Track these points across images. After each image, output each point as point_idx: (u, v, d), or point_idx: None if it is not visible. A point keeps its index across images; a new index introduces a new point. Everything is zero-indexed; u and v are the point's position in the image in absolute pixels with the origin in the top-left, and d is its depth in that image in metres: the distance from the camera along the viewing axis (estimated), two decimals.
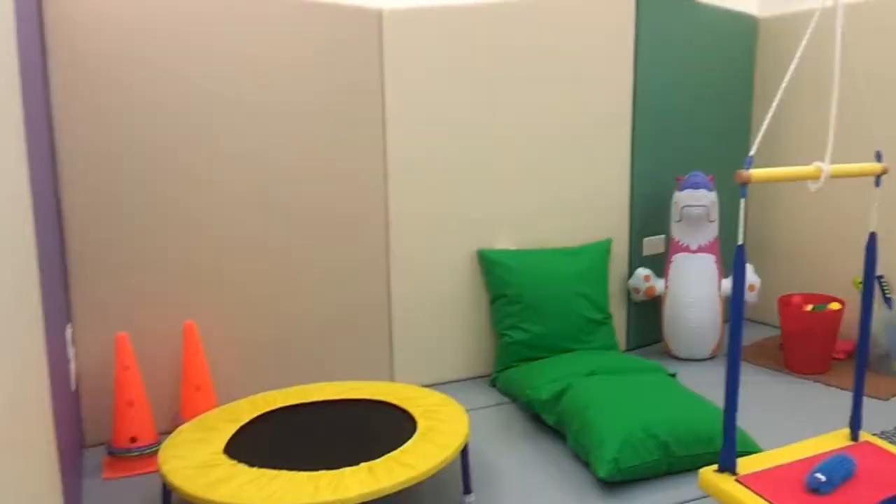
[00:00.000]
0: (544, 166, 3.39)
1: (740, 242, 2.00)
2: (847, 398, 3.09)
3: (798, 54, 1.99)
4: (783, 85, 2.00)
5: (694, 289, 3.49)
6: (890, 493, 1.93)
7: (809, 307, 3.49)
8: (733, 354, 2.09)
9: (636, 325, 3.70)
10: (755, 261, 4.00)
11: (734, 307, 2.04)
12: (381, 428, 2.40)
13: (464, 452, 2.39)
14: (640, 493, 2.44)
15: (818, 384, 3.27)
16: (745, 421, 2.72)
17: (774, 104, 1.99)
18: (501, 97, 3.27)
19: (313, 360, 3.13)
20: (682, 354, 3.55)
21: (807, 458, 2.16)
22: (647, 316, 3.69)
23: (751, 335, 3.90)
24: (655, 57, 3.53)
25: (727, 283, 3.57)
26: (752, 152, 1.98)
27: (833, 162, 2.20)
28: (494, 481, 2.52)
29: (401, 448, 2.24)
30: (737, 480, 2.08)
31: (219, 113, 2.82)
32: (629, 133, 3.52)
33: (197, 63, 2.76)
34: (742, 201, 1.99)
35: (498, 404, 3.15)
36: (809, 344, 3.38)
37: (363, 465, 2.14)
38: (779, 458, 2.20)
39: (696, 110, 3.70)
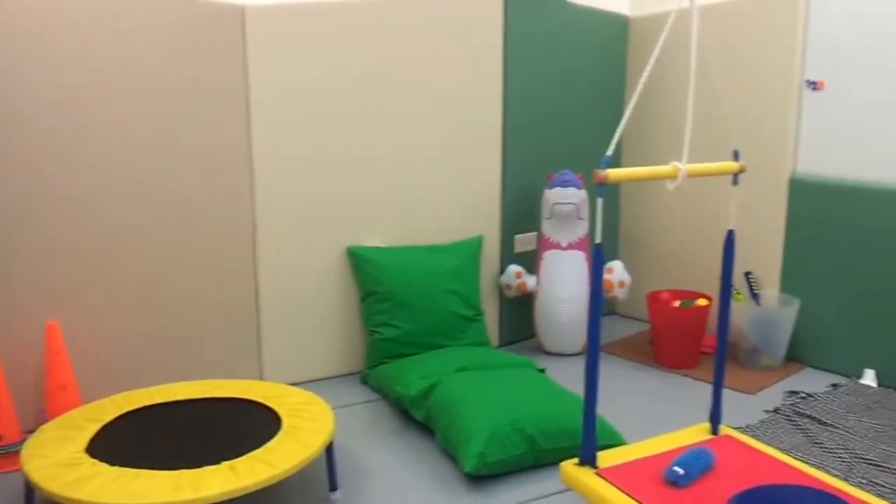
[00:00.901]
0: (415, 164, 3.36)
1: (598, 241, 2.03)
2: (733, 397, 3.19)
3: (654, 55, 2.02)
4: (639, 87, 2.03)
5: (565, 285, 3.53)
6: (746, 486, 1.99)
7: (678, 303, 3.59)
8: (592, 349, 2.12)
9: (508, 321, 3.73)
10: (627, 257, 4.09)
11: (591, 303, 2.06)
12: (245, 426, 2.36)
13: (329, 450, 2.37)
14: (506, 487, 2.47)
15: (686, 378, 3.37)
16: (613, 414, 2.76)
17: (630, 105, 2.02)
18: (370, 94, 3.23)
19: (180, 359, 3.03)
20: (553, 350, 3.59)
21: (667, 452, 2.20)
22: (520, 312, 3.72)
23: (622, 330, 3.98)
24: (526, 55, 3.56)
25: None
26: (609, 152, 2.00)
27: (695, 161, 2.26)
28: (362, 478, 2.51)
29: (264, 447, 2.22)
30: (596, 473, 2.10)
31: (73, 105, 2.68)
32: (500, 131, 3.54)
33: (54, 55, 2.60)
34: (599, 200, 2.01)
35: (368, 401, 3.11)
36: (678, 339, 3.48)
37: (225, 463, 2.11)
38: (640, 452, 2.24)
39: (569, 109, 3.75)
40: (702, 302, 3.51)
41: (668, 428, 2.41)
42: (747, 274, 3.55)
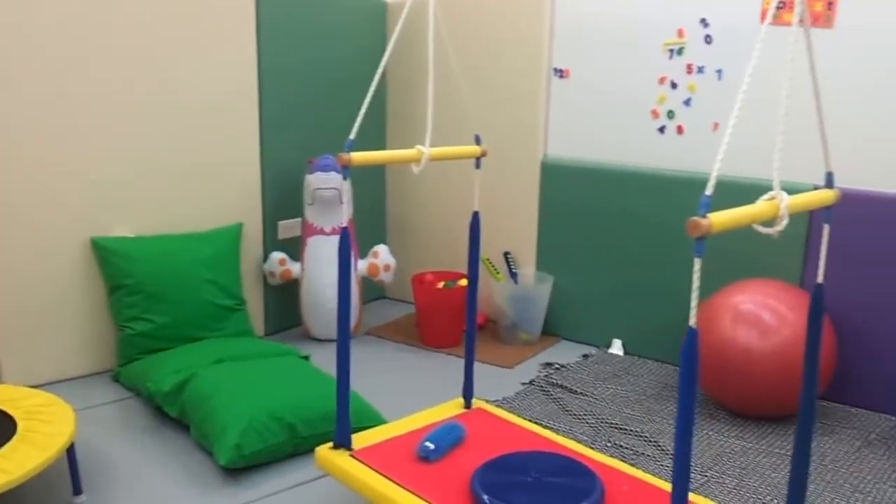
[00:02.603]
0: (165, 149, 3.20)
1: (344, 224, 2.03)
2: (476, 368, 3.28)
3: (392, 40, 2.05)
4: (379, 71, 2.05)
5: (330, 271, 3.48)
6: (493, 456, 2.07)
7: (441, 284, 3.68)
8: (342, 334, 2.12)
9: (274, 309, 3.66)
10: (393, 241, 4.14)
11: (340, 286, 2.06)
12: None
13: (71, 452, 2.24)
14: (264, 478, 2.43)
15: (451, 357, 3.46)
16: (378, 396, 2.79)
17: (371, 90, 2.04)
18: (113, 74, 3.03)
19: None
20: (321, 336, 3.56)
21: (421, 429, 2.25)
22: (286, 300, 3.66)
23: (390, 313, 4.03)
24: (281, 37, 3.49)
25: (363, 265, 3.64)
26: (352, 136, 2.01)
27: (452, 145, 2.32)
28: (111, 480, 2.39)
29: None
30: (351, 455, 2.11)
31: None
32: (257, 114, 3.45)
33: None
34: (345, 183, 2.02)
35: (120, 400, 2.95)
36: (442, 319, 3.56)
37: None
38: (394, 431, 2.28)
39: (329, 92, 3.72)
40: (464, 282, 3.62)
41: (432, 405, 2.47)
42: (506, 254, 3.70)
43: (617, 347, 3.55)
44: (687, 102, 3.24)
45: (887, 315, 2.91)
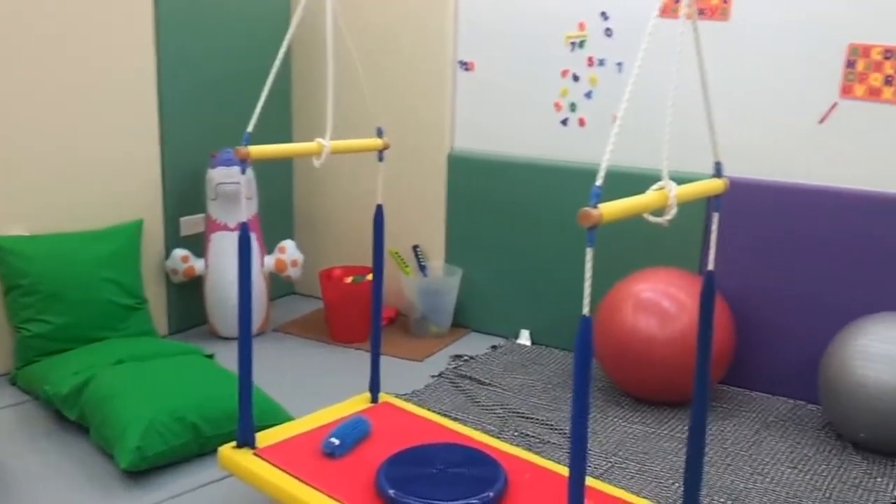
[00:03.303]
0: (59, 142, 3.08)
1: (244, 220, 2.00)
2: (386, 362, 3.26)
3: (290, 30, 2.01)
4: (277, 62, 2.03)
5: (235, 267, 3.42)
6: (400, 449, 2.06)
7: (350, 279, 3.66)
8: (243, 330, 2.09)
9: (178, 307, 3.57)
10: (302, 235, 4.09)
11: (241, 282, 2.03)
12: None
13: None
14: (168, 479, 2.38)
15: (360, 352, 3.43)
16: (285, 393, 2.76)
17: (269, 82, 2.02)
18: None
19: None
20: (228, 334, 3.49)
21: (326, 425, 2.23)
22: (190, 297, 3.58)
23: (299, 309, 3.98)
24: (181, 24, 3.40)
25: (269, 260, 3.59)
26: (249, 129, 1.97)
27: (351, 138, 2.30)
28: (8, 488, 2.30)
29: None
30: (255, 454, 2.08)
31: None
32: (156, 105, 3.36)
33: None
34: (243, 178, 1.98)
35: (17, 404, 2.84)
36: (350, 314, 3.54)
37: None
38: (300, 428, 2.25)
39: (233, 83, 3.63)
40: (371, 277, 3.60)
41: (340, 401, 2.45)
42: (415, 247, 3.70)
43: (525, 337, 3.59)
44: (588, 95, 3.30)
45: (784, 301, 3.02)
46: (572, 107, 3.35)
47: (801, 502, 2.37)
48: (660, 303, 2.84)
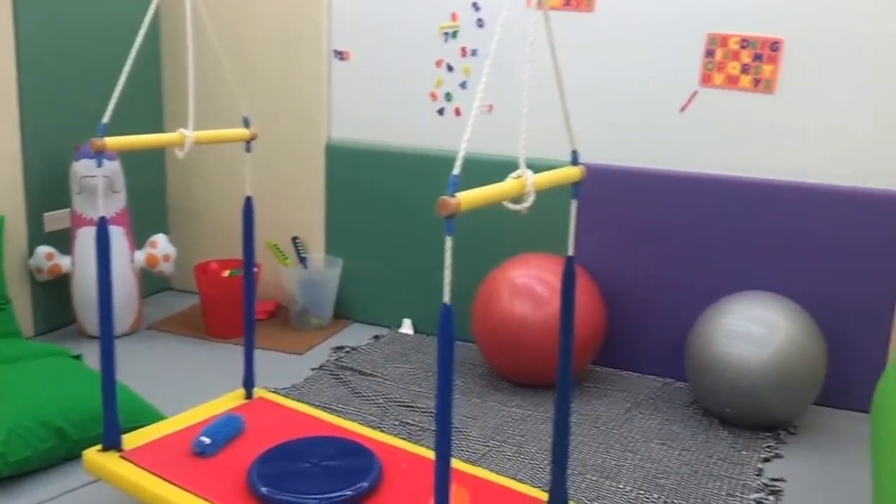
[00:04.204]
0: None
1: (102, 214, 1.93)
2: (266, 357, 3.23)
3: (148, 16, 1.94)
4: (134, 50, 1.96)
5: None
6: (273, 443, 2.04)
7: (226, 272, 3.58)
8: (105, 329, 2.02)
9: (44, 307, 3.40)
10: (176, 229, 3.97)
11: (100, 280, 1.96)
12: None
13: None
14: (32, 486, 2.29)
15: (238, 347, 3.32)
16: (160, 393, 2.69)
17: (126, 70, 1.94)
18: None
19: None
20: (97, 333, 3.30)
21: (198, 423, 2.18)
22: (57, 296, 3.42)
23: (175, 305, 3.86)
24: (42, 7, 3.23)
25: (140, 255, 3.47)
26: (105, 119, 1.90)
27: (224, 128, 2.25)
28: None
29: None
30: (121, 457, 2.02)
31: None
32: (16, 94, 3.17)
33: None
34: (100, 171, 1.91)
35: None
36: (228, 309, 3.45)
37: None
38: (170, 427, 2.19)
39: (100, 70, 3.45)
40: None
41: (216, 398, 2.39)
42: (294, 239, 3.65)
43: (407, 327, 3.60)
44: (463, 85, 3.32)
45: (653, 283, 3.13)
46: (448, 97, 3.37)
47: (669, 477, 2.46)
48: (533, 288, 2.90)
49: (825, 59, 2.83)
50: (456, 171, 1.30)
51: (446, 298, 1.34)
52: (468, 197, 1.32)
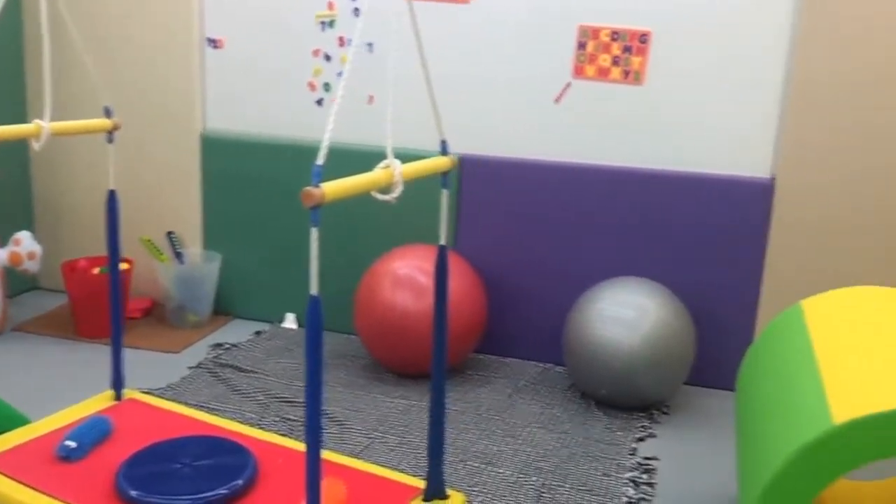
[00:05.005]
0: None
1: None
2: (140, 356, 3.12)
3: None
4: None
5: None
6: (143, 445, 1.96)
7: (97, 270, 3.44)
8: None
9: None
10: (42, 226, 3.78)
11: None
12: None
13: None
14: None
15: (109, 347, 3.23)
16: (26, 397, 2.56)
17: None
18: None
19: None
20: None
21: (63, 427, 2.08)
22: None
23: (43, 305, 3.68)
24: None
25: (3, 254, 3.29)
26: None
27: (91, 118, 2.14)
28: None
29: None
30: None
31: None
32: None
33: None
34: None
35: None
36: (98, 307, 3.30)
37: None
38: (34, 432, 2.08)
39: None
40: (123, 266, 3.40)
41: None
42: (169, 233, 3.53)
43: (290, 321, 3.54)
44: (341, 75, 3.29)
45: (532, 271, 3.18)
46: (326, 87, 3.32)
47: (549, 460, 2.51)
48: (415, 278, 2.90)
49: (691, 51, 2.94)
50: (320, 161, 1.29)
51: (314, 290, 1.32)
52: (333, 187, 1.30)
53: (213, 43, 3.44)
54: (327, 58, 3.30)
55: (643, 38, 2.95)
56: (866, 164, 2.80)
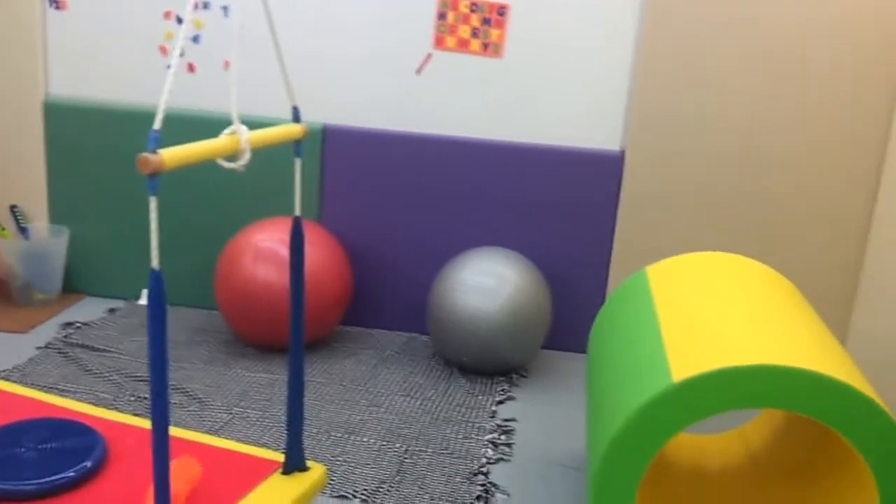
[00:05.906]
0: None
1: None
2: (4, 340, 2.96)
3: None
4: None
5: None
6: None
7: None
8: None
9: None
10: None
11: None
12: None
13: None
14: None
15: None
16: None
17: None
18: None
19: None
20: None
21: None
22: None
23: None
24: None
25: None
26: None
27: None
28: None
29: None
30: None
31: None
32: None
33: None
34: None
35: None
36: None
37: None
38: None
39: None
40: None
41: None
42: (13, 207, 3.33)
43: (146, 298, 3.41)
44: (196, 39, 3.17)
45: (396, 242, 3.19)
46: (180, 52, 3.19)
47: (412, 426, 2.54)
48: (278, 251, 2.85)
49: (547, 26, 2.99)
50: (157, 125, 1.24)
51: (154, 263, 1.28)
52: (173, 154, 1.26)
53: (55, 4, 3.23)
54: (179, 21, 3.17)
55: (501, 10, 2.98)
56: (710, 138, 2.94)
